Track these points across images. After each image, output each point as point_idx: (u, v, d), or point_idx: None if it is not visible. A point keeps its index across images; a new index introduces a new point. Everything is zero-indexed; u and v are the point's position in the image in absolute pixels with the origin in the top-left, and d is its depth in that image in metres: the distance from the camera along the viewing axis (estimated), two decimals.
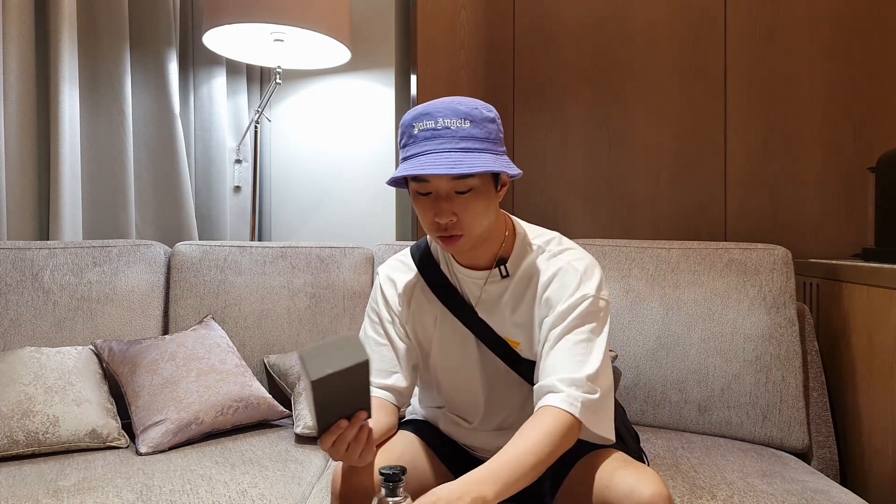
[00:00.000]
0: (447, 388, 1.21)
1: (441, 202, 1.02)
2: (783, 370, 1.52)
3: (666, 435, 1.55)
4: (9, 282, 1.65)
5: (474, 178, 1.01)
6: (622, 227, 2.20)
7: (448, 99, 1.03)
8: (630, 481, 0.94)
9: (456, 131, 0.99)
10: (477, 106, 1.02)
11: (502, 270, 1.12)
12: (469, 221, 1.03)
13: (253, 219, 2.38)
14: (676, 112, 2.16)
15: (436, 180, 1.01)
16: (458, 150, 0.99)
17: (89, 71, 2.03)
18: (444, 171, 0.96)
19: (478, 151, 1.00)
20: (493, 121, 1.03)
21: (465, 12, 2.35)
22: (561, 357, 1.03)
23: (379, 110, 2.44)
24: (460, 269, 1.15)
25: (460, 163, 0.97)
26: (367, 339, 1.19)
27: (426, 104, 1.03)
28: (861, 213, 1.99)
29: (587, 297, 1.06)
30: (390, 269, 1.22)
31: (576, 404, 0.98)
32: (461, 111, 1.00)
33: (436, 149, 0.99)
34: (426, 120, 1.00)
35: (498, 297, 1.13)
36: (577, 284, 1.07)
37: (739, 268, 1.60)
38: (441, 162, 0.97)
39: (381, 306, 1.20)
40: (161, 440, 1.43)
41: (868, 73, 1.99)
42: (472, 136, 1.00)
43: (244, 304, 1.83)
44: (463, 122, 1.00)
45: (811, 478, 1.31)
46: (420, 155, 1.00)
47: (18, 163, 1.81)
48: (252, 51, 2.27)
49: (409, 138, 1.02)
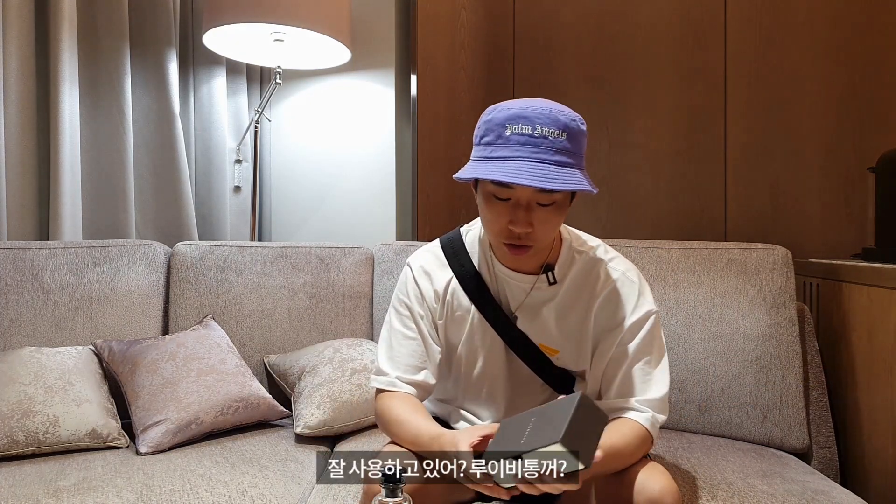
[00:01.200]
0: (467, 386, 1.20)
1: (520, 211, 0.99)
2: (783, 370, 1.52)
3: (666, 435, 1.55)
4: (9, 282, 1.65)
5: (560, 193, 0.98)
6: (622, 227, 2.20)
7: (547, 104, 0.98)
8: (640, 477, 0.95)
9: (553, 142, 0.95)
10: (574, 118, 0.99)
11: (550, 277, 1.10)
12: (543, 234, 1.02)
13: (253, 219, 2.38)
14: (676, 112, 2.15)
15: (521, 189, 0.97)
16: (552, 162, 0.94)
17: (89, 71, 2.03)
18: (540, 184, 0.93)
19: (571, 167, 0.96)
20: (584, 135, 1.00)
21: (465, 12, 2.35)
22: (634, 380, 1.06)
23: (379, 110, 2.44)
24: (505, 271, 1.12)
25: (555, 178, 0.93)
26: (394, 331, 1.15)
27: (522, 105, 0.98)
28: (861, 213, 1.99)
29: (652, 313, 1.09)
30: (424, 262, 1.18)
31: (655, 425, 1.04)
32: (561, 122, 0.96)
33: (530, 157, 0.94)
34: (523, 124, 0.95)
35: (542, 303, 1.11)
36: (636, 297, 1.09)
37: (739, 268, 1.60)
38: (535, 174, 0.93)
39: (412, 300, 1.16)
40: (161, 440, 1.43)
41: (868, 73, 1.99)
42: (567, 150, 0.96)
43: (244, 304, 1.83)
44: (561, 133, 0.96)
45: (811, 478, 1.31)
46: (511, 160, 0.95)
47: (18, 163, 1.81)
48: (252, 51, 2.27)
49: (499, 138, 0.97)
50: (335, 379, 1.59)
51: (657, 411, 1.04)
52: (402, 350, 1.13)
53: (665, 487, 0.93)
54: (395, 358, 1.13)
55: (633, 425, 1.02)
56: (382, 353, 1.16)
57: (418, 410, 1.07)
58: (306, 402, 1.57)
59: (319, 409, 1.53)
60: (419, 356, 1.13)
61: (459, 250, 1.16)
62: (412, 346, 1.13)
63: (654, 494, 0.92)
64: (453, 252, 1.16)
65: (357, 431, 1.59)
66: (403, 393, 1.10)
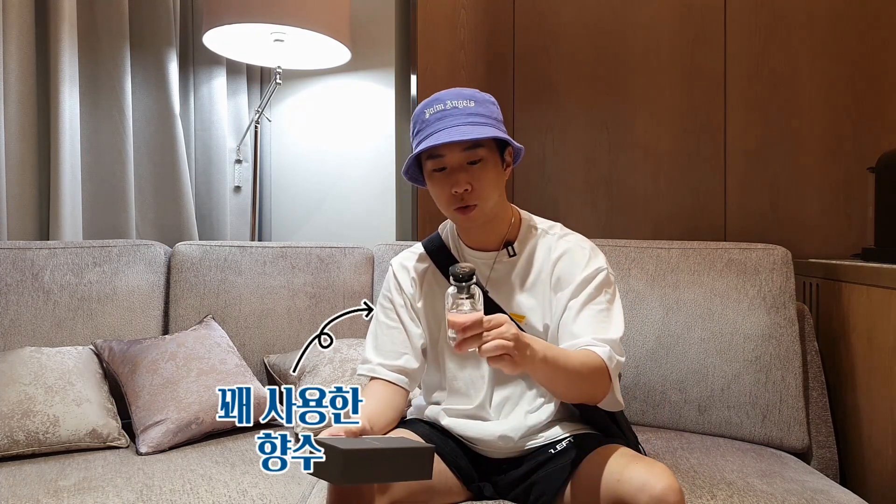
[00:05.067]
0: (452, 370, 1.23)
1: (456, 173, 1.11)
2: (783, 370, 1.52)
3: (666, 435, 1.55)
4: (9, 282, 1.65)
5: (483, 148, 1.12)
6: (622, 227, 2.20)
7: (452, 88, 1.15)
8: (642, 476, 0.95)
9: (463, 109, 1.11)
10: (477, 91, 1.15)
11: (510, 250, 1.21)
12: (482, 190, 1.12)
13: (253, 219, 2.38)
14: (676, 112, 2.15)
15: (449, 153, 1.11)
16: (466, 123, 1.10)
17: (89, 71, 2.03)
18: (458, 137, 1.07)
19: (484, 125, 1.11)
20: (492, 103, 1.16)
21: (465, 12, 2.35)
22: (588, 321, 1.11)
23: (379, 110, 2.44)
24: (470, 251, 1.23)
25: (470, 131, 1.08)
26: (379, 324, 1.26)
27: (432, 95, 1.14)
28: (861, 213, 1.98)
29: (601, 270, 1.16)
30: (403, 259, 1.31)
31: (612, 359, 1.06)
32: (465, 94, 1.13)
33: (446, 125, 1.10)
34: (435, 104, 1.12)
35: (506, 275, 1.21)
36: (587, 259, 1.17)
37: (739, 268, 1.60)
38: (452, 134, 1.08)
39: (393, 292, 1.27)
40: (161, 440, 1.43)
41: (868, 73, 1.99)
42: (478, 113, 1.12)
43: (244, 304, 1.83)
44: (468, 101, 1.12)
45: (811, 478, 1.31)
46: (433, 133, 1.10)
47: (18, 163, 1.81)
48: (252, 51, 2.27)
49: (422, 123, 1.13)
50: (335, 379, 1.60)
51: (616, 351, 1.08)
52: (385, 339, 1.24)
53: (668, 486, 0.93)
54: (379, 346, 1.24)
55: (588, 352, 1.05)
56: (368, 343, 1.27)
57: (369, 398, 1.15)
58: None
59: None
60: (401, 343, 1.23)
61: (438, 245, 1.27)
62: (394, 335, 1.24)
63: (657, 492, 0.92)
64: (433, 247, 1.27)
65: None
66: (380, 381, 1.20)
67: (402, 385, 1.21)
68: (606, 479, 1.00)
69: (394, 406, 1.18)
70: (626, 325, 1.14)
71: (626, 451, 1.05)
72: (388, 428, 1.16)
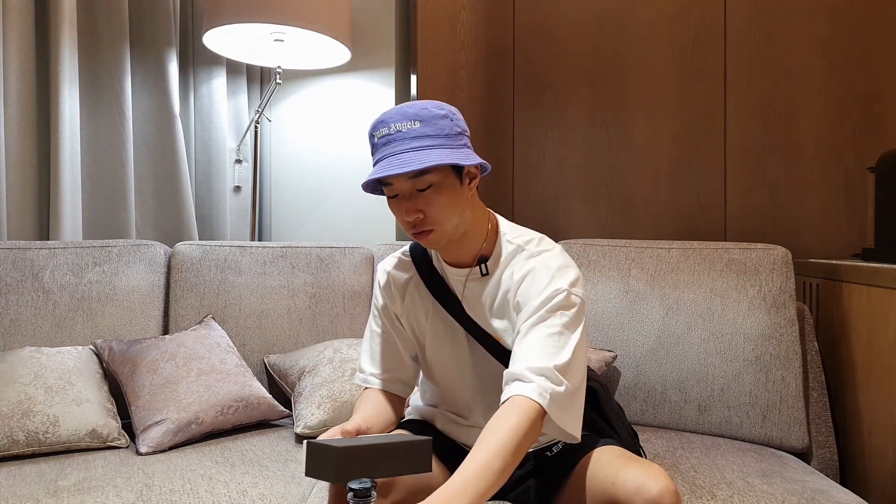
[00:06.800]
0: (441, 381, 1.22)
1: (405, 201, 1.06)
2: (783, 370, 1.52)
3: (666, 435, 1.55)
4: (9, 282, 1.65)
5: (431, 174, 1.04)
6: (622, 227, 2.20)
7: (400, 105, 1.08)
8: (638, 478, 0.95)
9: (407, 132, 1.03)
10: (426, 106, 1.06)
11: (482, 269, 1.15)
12: (435, 216, 1.06)
13: (253, 219, 2.38)
14: (676, 112, 2.16)
15: (397, 182, 1.05)
16: (409, 150, 1.02)
17: (89, 71, 2.03)
18: (395, 171, 1.00)
19: (429, 148, 1.03)
20: (444, 117, 1.06)
21: (465, 12, 2.35)
22: (532, 347, 1.01)
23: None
24: (446, 266, 1.19)
25: (410, 161, 1.00)
26: (372, 332, 1.25)
27: (382, 113, 1.07)
28: (861, 213, 1.99)
29: (560, 291, 1.05)
30: (388, 265, 1.27)
31: (544, 395, 0.96)
32: (409, 113, 1.04)
33: (390, 152, 1.03)
34: (381, 127, 1.05)
35: (479, 294, 1.16)
36: (548, 280, 1.07)
37: (739, 268, 1.60)
38: (394, 164, 1.01)
39: (380, 299, 1.25)
40: (161, 440, 1.43)
41: (868, 73, 1.99)
42: (424, 135, 1.03)
43: (244, 304, 1.83)
44: (413, 122, 1.03)
45: (811, 478, 1.31)
46: (379, 160, 1.04)
47: (18, 163, 1.81)
48: (252, 51, 2.27)
49: (374, 147, 1.07)
50: (335, 379, 1.60)
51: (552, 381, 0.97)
52: (377, 348, 1.23)
53: (664, 488, 0.92)
54: (373, 356, 1.24)
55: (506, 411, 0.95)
56: (363, 351, 1.26)
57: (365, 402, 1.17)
58: (306, 402, 1.57)
59: (320, 409, 1.54)
60: (392, 351, 1.22)
61: (421, 250, 1.24)
62: (385, 343, 1.23)
63: (653, 495, 0.92)
64: (417, 253, 1.24)
65: None
66: (373, 389, 1.20)
67: (397, 393, 1.21)
68: (602, 481, 0.99)
69: (390, 410, 1.18)
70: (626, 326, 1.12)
71: (622, 452, 1.05)
72: (387, 430, 1.16)
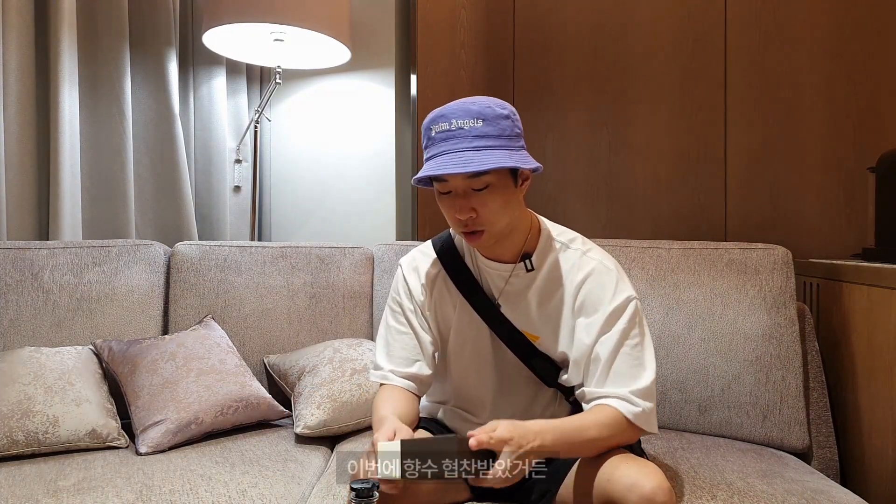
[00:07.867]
0: (458, 378, 1.22)
1: (459, 199, 1.06)
2: (783, 370, 1.52)
3: (666, 435, 1.55)
4: (9, 282, 1.65)
5: (489, 174, 1.04)
6: (622, 227, 2.20)
7: (462, 100, 1.06)
8: (632, 475, 0.95)
9: (469, 130, 1.02)
10: (490, 104, 1.05)
11: (527, 264, 1.15)
12: (488, 217, 1.06)
13: (253, 219, 2.38)
14: (676, 112, 2.15)
15: (453, 179, 1.04)
16: (471, 148, 1.02)
17: (89, 71, 2.03)
18: (457, 170, 1.00)
19: (490, 149, 1.03)
20: (506, 117, 1.06)
21: (465, 12, 2.35)
22: (621, 369, 1.06)
23: (379, 110, 2.44)
24: (485, 261, 1.18)
25: (472, 161, 1.00)
26: (389, 328, 1.23)
27: (442, 107, 1.06)
28: (861, 213, 1.98)
29: (631, 299, 1.09)
30: (412, 260, 1.26)
31: (638, 414, 1.03)
32: (473, 111, 1.03)
33: (451, 149, 1.02)
34: (441, 122, 1.04)
35: (523, 290, 1.16)
36: (614, 285, 1.10)
37: (739, 268, 1.60)
38: (454, 161, 1.01)
39: (402, 296, 1.23)
40: (161, 440, 1.43)
41: (868, 73, 1.99)
42: (486, 135, 1.03)
43: (244, 304, 1.83)
44: (475, 121, 1.03)
45: (811, 478, 1.31)
46: (437, 156, 1.03)
47: (18, 163, 1.81)
48: (252, 51, 2.27)
49: (429, 140, 1.06)
50: (335, 379, 1.59)
51: (643, 398, 1.04)
52: (396, 345, 1.20)
53: (657, 485, 0.93)
54: (391, 352, 1.21)
55: (608, 411, 1.04)
56: (379, 348, 1.23)
57: (390, 400, 1.13)
58: (306, 402, 1.57)
59: (319, 409, 1.53)
60: (412, 349, 1.19)
61: (448, 247, 1.22)
62: (405, 340, 1.20)
63: (647, 492, 0.92)
64: (443, 249, 1.22)
65: (357, 432, 1.59)
66: (393, 385, 1.17)
67: (413, 392, 1.19)
68: (598, 478, 1.00)
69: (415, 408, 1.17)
70: None
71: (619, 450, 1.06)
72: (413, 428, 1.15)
